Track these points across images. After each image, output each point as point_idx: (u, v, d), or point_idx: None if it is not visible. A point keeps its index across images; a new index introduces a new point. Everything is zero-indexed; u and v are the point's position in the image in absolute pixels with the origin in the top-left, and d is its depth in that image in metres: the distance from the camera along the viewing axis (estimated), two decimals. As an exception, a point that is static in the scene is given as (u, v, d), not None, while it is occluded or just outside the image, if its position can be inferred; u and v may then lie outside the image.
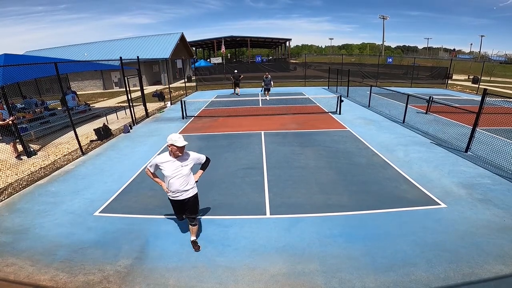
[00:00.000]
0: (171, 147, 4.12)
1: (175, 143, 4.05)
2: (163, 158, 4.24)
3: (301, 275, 4.07)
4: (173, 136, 4.11)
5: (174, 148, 4.10)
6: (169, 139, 4.10)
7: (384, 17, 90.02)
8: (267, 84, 19.49)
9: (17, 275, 4.18)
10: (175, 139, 4.06)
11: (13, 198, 6.64)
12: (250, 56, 64.25)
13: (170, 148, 4.14)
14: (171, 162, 4.20)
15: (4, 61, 10.41)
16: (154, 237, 5.03)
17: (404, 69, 33.29)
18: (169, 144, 4.11)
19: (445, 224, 5.16)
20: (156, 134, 11.84)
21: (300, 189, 6.66)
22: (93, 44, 39.34)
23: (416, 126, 12.00)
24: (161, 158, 4.25)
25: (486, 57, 71.87)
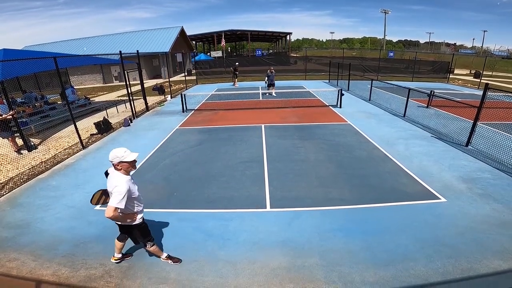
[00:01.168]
0: (120, 165, 3.48)
1: (124, 159, 3.45)
2: (127, 180, 3.53)
3: (301, 269, 4.10)
4: (118, 152, 3.46)
5: (126, 165, 3.51)
6: (115, 157, 3.43)
7: (385, 11, 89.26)
8: (272, 79, 18.79)
9: (20, 270, 4.20)
10: (123, 155, 3.45)
11: (14, 192, 6.66)
12: (250, 50, 63.89)
13: (120, 166, 3.49)
14: (131, 181, 3.64)
15: (3, 56, 10.37)
16: (155, 231, 5.03)
17: (406, 63, 33.14)
18: (118, 163, 3.46)
19: (445, 219, 5.17)
20: (156, 128, 11.83)
21: (300, 182, 6.67)
22: (93, 38, 39.08)
23: (417, 120, 11.97)
24: (126, 182, 3.50)
25: (488, 52, 71.33)
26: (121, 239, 4.19)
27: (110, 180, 3.55)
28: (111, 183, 3.49)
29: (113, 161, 3.47)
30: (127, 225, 3.78)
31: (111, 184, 3.49)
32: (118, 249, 4.25)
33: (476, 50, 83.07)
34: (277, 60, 36.70)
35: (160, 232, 5.02)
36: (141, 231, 3.93)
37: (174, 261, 4.27)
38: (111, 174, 3.60)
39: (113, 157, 3.45)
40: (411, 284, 3.77)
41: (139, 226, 3.84)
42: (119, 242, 4.19)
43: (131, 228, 3.84)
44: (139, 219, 3.80)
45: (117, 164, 3.48)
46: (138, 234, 3.93)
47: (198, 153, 8.73)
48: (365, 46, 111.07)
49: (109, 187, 3.53)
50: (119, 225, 3.91)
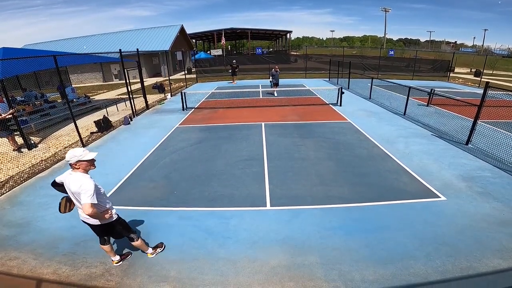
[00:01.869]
0: (79, 164, 3.46)
1: (83, 158, 3.45)
2: (88, 177, 3.54)
3: (301, 267, 4.11)
4: (76, 151, 3.45)
5: (84, 164, 3.49)
6: (73, 156, 3.41)
7: (386, 9, 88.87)
8: (277, 79, 18.46)
9: (21, 268, 4.21)
10: (81, 154, 3.44)
11: (15, 191, 6.67)
12: (250, 48, 63.78)
13: (78, 165, 3.46)
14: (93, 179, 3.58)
15: (3, 54, 10.34)
16: (155, 229, 5.06)
17: (406, 61, 33.10)
18: (76, 162, 3.43)
19: (445, 217, 5.18)
20: (156, 126, 11.83)
21: (300, 180, 6.68)
22: (93, 37, 39.00)
23: (417, 118, 11.96)
24: (89, 178, 3.51)
25: (489, 51, 71.19)
26: (103, 242, 4.10)
27: (71, 183, 3.46)
28: (74, 185, 3.42)
29: (70, 161, 3.42)
30: (108, 223, 3.80)
31: (74, 185, 3.42)
32: (110, 252, 4.20)
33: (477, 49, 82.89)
34: (277, 58, 36.68)
35: (160, 230, 5.03)
36: (123, 225, 4.03)
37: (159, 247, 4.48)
38: (70, 177, 3.51)
39: (71, 157, 3.41)
40: (411, 283, 3.78)
41: (118, 220, 3.94)
42: (103, 246, 4.12)
43: (112, 225, 3.87)
44: (115, 214, 3.87)
45: (75, 164, 3.44)
46: (121, 228, 3.99)
47: (198, 151, 8.73)
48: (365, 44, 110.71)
49: (73, 188, 3.45)
50: (99, 229, 3.89)
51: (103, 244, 4.10)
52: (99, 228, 3.87)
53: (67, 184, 3.54)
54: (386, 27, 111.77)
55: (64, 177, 3.58)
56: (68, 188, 3.56)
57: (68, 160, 3.44)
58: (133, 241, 4.13)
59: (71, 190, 3.51)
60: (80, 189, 3.37)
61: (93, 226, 3.87)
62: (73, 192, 3.51)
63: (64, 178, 3.58)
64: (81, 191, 3.36)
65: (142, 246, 4.27)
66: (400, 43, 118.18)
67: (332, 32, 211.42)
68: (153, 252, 4.40)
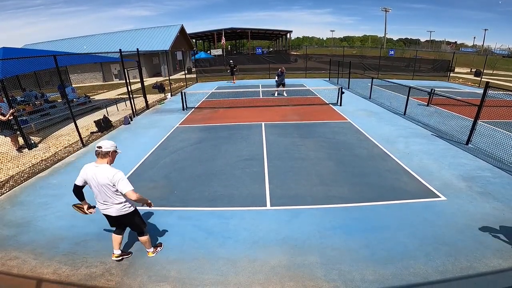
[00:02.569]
0: (112, 154, 3.72)
1: (117, 150, 3.76)
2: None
3: (301, 267, 4.11)
4: (112, 142, 3.71)
5: (115, 155, 3.78)
6: (112, 145, 3.68)
7: (386, 9, 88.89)
8: (282, 79, 18.09)
9: (21, 268, 4.21)
10: (116, 145, 3.74)
11: (15, 190, 6.67)
12: (250, 48, 63.77)
13: (112, 155, 3.72)
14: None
15: (3, 54, 10.35)
16: (155, 229, 5.06)
17: (406, 61, 33.04)
18: (113, 151, 3.71)
19: (445, 217, 5.18)
20: (156, 126, 11.83)
21: (300, 180, 6.68)
22: (93, 36, 39.00)
23: (417, 118, 11.96)
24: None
25: (489, 51, 71.19)
26: (119, 233, 4.24)
27: (100, 175, 3.55)
28: (105, 175, 3.53)
29: (110, 149, 3.62)
30: (130, 213, 3.92)
31: (105, 176, 3.53)
32: (118, 244, 4.27)
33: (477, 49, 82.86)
34: (277, 58, 36.61)
35: (160, 230, 5.03)
36: (140, 217, 4.17)
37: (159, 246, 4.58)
38: (96, 169, 3.59)
39: (111, 145, 3.64)
40: (411, 283, 3.78)
41: (137, 212, 4.09)
42: (117, 236, 4.23)
43: (132, 215, 4.00)
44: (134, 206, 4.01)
45: (111, 153, 3.66)
46: (139, 219, 4.13)
47: (198, 151, 8.74)
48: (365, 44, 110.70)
49: (104, 180, 3.55)
50: (119, 220, 3.99)
51: (118, 234, 4.23)
52: (121, 219, 3.97)
53: (93, 175, 3.59)
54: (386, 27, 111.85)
55: (88, 171, 3.63)
56: (94, 180, 3.61)
57: (107, 148, 3.60)
58: (143, 235, 4.24)
59: (99, 182, 3.58)
60: (114, 179, 3.53)
61: (113, 218, 3.96)
62: (102, 184, 3.58)
63: (88, 172, 3.63)
64: (118, 180, 3.53)
65: (147, 242, 4.33)
66: (400, 43, 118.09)
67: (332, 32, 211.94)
68: (154, 251, 4.44)
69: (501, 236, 4.61)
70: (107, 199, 3.73)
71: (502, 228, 4.81)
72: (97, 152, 3.62)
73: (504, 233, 4.68)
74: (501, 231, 4.73)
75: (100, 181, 3.57)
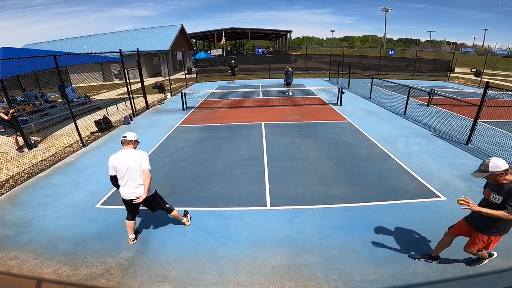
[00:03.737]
0: (136, 143, 4.43)
1: (138, 139, 4.47)
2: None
3: (301, 267, 4.11)
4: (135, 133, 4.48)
5: (137, 143, 4.47)
6: (134, 136, 4.40)
7: (386, 9, 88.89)
8: (289, 78, 18.39)
9: (21, 268, 4.21)
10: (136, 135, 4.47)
11: (15, 190, 6.67)
12: (250, 48, 63.78)
13: (135, 143, 4.42)
14: None
15: (3, 54, 10.35)
16: (155, 229, 5.06)
17: (406, 61, 33.05)
18: (136, 140, 4.41)
19: (444, 217, 5.17)
20: (156, 126, 11.83)
21: (300, 180, 6.68)
22: (93, 36, 38.98)
23: (417, 118, 11.96)
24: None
25: (489, 51, 71.17)
26: (132, 218, 4.58)
27: (131, 156, 4.15)
28: (136, 156, 4.16)
29: (133, 138, 4.35)
30: (151, 194, 4.41)
31: (136, 156, 4.15)
32: (132, 229, 4.64)
33: (477, 49, 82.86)
34: (277, 58, 36.62)
35: (160, 230, 5.03)
36: (161, 197, 4.67)
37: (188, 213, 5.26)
38: (126, 152, 4.20)
39: (134, 136, 4.37)
40: (411, 283, 3.78)
41: (157, 193, 4.61)
42: (131, 222, 4.58)
43: (154, 196, 4.48)
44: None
45: (135, 142, 4.36)
46: (160, 199, 4.64)
47: (198, 151, 8.74)
48: (365, 44, 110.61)
49: (136, 159, 4.14)
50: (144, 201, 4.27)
51: (131, 220, 4.57)
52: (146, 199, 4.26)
53: (122, 158, 4.15)
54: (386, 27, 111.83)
55: (116, 158, 4.19)
56: (128, 162, 4.12)
57: (131, 138, 4.31)
58: (172, 211, 4.76)
59: (131, 161, 4.12)
60: (142, 157, 4.17)
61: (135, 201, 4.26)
62: (133, 163, 4.11)
63: (117, 158, 4.18)
64: (143, 157, 4.17)
65: (178, 216, 4.91)
66: (400, 43, 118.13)
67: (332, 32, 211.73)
68: (187, 220, 5.10)
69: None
70: (137, 179, 4.17)
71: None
72: (123, 141, 4.29)
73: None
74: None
75: (127, 161, 4.11)
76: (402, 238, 4.66)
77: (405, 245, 4.48)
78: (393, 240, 4.62)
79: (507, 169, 3.16)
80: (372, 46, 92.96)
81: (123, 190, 4.24)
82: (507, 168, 3.16)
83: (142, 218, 5.34)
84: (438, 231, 4.78)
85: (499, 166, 3.16)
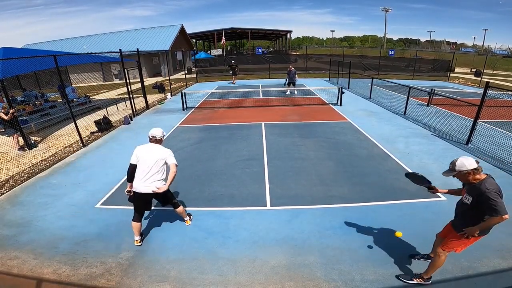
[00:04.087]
0: (162, 138, 4.59)
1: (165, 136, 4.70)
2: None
3: (301, 267, 4.11)
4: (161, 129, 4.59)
5: (163, 139, 4.65)
6: (162, 133, 4.54)
7: (386, 9, 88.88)
8: (292, 77, 18.36)
9: (21, 268, 4.21)
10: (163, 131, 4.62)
11: (15, 190, 6.67)
12: (250, 48, 63.78)
13: (161, 139, 4.55)
14: None
15: (3, 54, 10.35)
16: (155, 229, 5.06)
17: (406, 61, 33.04)
18: (162, 137, 4.57)
19: (444, 217, 5.13)
20: (156, 126, 11.68)
21: (300, 180, 6.68)
22: (93, 36, 38.98)
23: (417, 118, 11.96)
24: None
25: (489, 51, 71.17)
26: (138, 219, 4.55)
27: (157, 152, 4.32)
28: (162, 152, 4.33)
29: (161, 136, 4.49)
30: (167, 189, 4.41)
31: (162, 153, 4.32)
32: (138, 230, 4.61)
33: (477, 49, 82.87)
34: (277, 58, 36.63)
35: (160, 230, 5.03)
36: (171, 192, 4.74)
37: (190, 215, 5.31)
38: (152, 147, 4.37)
39: (162, 133, 4.50)
40: (411, 283, 3.78)
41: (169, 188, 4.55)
42: (138, 223, 4.55)
43: (168, 190, 4.47)
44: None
45: (162, 138, 4.51)
46: (171, 194, 4.72)
47: (198, 151, 8.74)
48: (365, 44, 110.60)
49: (161, 155, 4.30)
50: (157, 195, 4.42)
51: (138, 221, 4.55)
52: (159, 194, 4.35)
53: (147, 152, 4.31)
54: (386, 27, 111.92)
55: (142, 149, 4.34)
56: (152, 155, 4.27)
57: (160, 136, 4.46)
58: (179, 207, 4.87)
59: (155, 156, 4.27)
60: (168, 153, 4.35)
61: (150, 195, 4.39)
62: (157, 159, 4.26)
63: (142, 150, 4.34)
64: (169, 154, 4.35)
65: (183, 212, 5.00)
66: (400, 43, 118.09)
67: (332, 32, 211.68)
68: (190, 219, 5.18)
69: (500, 236, 4.60)
70: (155, 174, 4.26)
71: (502, 228, 4.79)
72: (151, 139, 4.42)
73: (504, 233, 4.67)
74: (501, 231, 4.72)
75: (156, 155, 4.26)
76: (402, 238, 4.65)
77: (405, 245, 4.48)
78: (393, 240, 4.61)
79: (475, 168, 3.10)
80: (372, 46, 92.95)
81: (139, 183, 4.27)
82: (475, 167, 3.10)
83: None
84: (438, 230, 4.78)
85: (465, 165, 3.12)
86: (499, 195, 2.95)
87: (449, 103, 13.17)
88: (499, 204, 2.94)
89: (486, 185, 3.02)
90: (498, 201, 2.93)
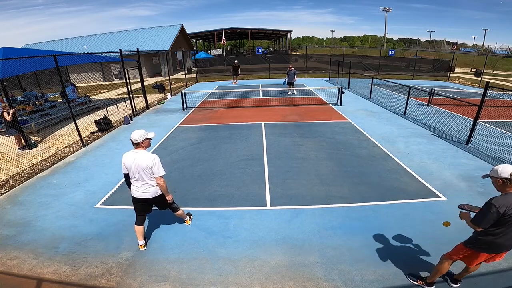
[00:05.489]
0: (144, 142, 4.10)
1: (147, 136, 4.09)
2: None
3: (301, 267, 4.11)
4: (141, 131, 4.05)
5: (147, 142, 4.18)
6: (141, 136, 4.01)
7: (386, 9, 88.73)
8: (291, 77, 18.31)
9: (21, 268, 4.21)
10: (146, 133, 4.10)
11: (15, 190, 6.67)
12: (250, 48, 63.77)
13: (144, 143, 4.10)
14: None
15: (3, 54, 10.35)
16: (155, 229, 5.06)
17: (406, 61, 33.07)
18: (143, 140, 4.06)
19: (445, 217, 5.14)
20: (156, 125, 11.83)
21: (300, 180, 6.68)
22: (93, 36, 39.02)
23: (417, 118, 11.96)
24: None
25: (489, 51, 71.17)
26: (141, 223, 4.46)
27: (141, 160, 3.98)
28: (146, 160, 3.97)
29: (139, 140, 3.98)
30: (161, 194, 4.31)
31: (146, 161, 3.97)
32: (141, 234, 4.50)
33: (477, 49, 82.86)
34: (277, 58, 36.61)
35: (160, 230, 5.03)
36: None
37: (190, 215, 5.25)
38: (136, 155, 4.01)
39: (139, 136, 3.97)
40: (411, 282, 3.78)
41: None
42: (140, 227, 4.46)
43: (164, 196, 4.35)
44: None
45: (142, 142, 4.03)
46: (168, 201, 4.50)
47: (198, 151, 8.74)
48: (365, 44, 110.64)
49: (145, 163, 3.97)
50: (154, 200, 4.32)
51: (140, 225, 4.45)
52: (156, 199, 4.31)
53: (133, 161, 4.00)
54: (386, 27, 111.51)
55: (128, 158, 4.04)
56: (136, 165, 3.99)
57: (136, 139, 3.97)
58: (177, 210, 4.71)
59: (141, 165, 3.98)
60: (153, 162, 4.02)
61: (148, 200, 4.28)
62: (143, 168, 3.99)
63: (128, 158, 4.04)
64: (155, 164, 4.02)
65: (182, 214, 4.90)
66: (400, 42, 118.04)
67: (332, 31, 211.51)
68: (189, 219, 5.15)
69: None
70: (148, 181, 4.12)
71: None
72: (133, 144, 4.05)
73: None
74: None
75: (140, 164, 3.97)
76: (402, 238, 4.66)
77: (405, 245, 4.48)
78: (393, 240, 4.62)
79: (506, 178, 2.80)
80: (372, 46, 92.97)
81: (134, 189, 4.21)
82: (506, 177, 2.80)
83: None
84: (437, 231, 4.79)
85: (499, 171, 2.87)
86: (496, 211, 2.79)
87: (449, 103, 13.16)
88: (483, 217, 2.90)
89: (500, 197, 2.87)
90: (487, 214, 2.85)
